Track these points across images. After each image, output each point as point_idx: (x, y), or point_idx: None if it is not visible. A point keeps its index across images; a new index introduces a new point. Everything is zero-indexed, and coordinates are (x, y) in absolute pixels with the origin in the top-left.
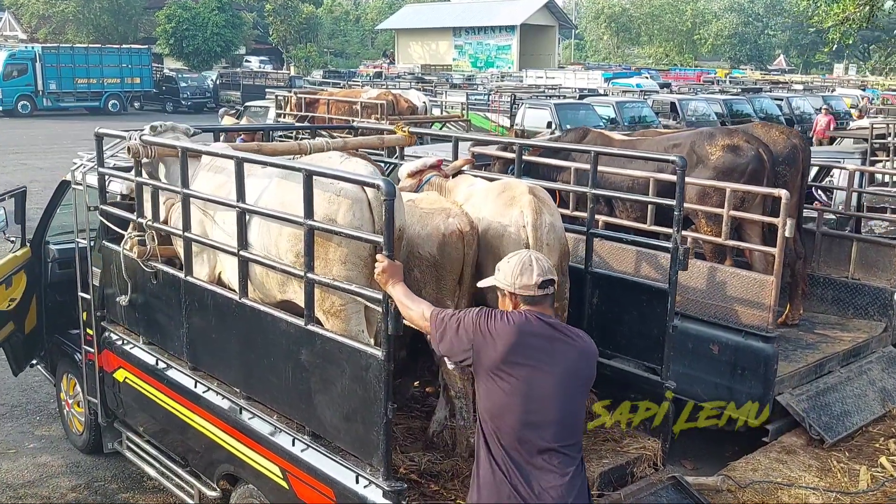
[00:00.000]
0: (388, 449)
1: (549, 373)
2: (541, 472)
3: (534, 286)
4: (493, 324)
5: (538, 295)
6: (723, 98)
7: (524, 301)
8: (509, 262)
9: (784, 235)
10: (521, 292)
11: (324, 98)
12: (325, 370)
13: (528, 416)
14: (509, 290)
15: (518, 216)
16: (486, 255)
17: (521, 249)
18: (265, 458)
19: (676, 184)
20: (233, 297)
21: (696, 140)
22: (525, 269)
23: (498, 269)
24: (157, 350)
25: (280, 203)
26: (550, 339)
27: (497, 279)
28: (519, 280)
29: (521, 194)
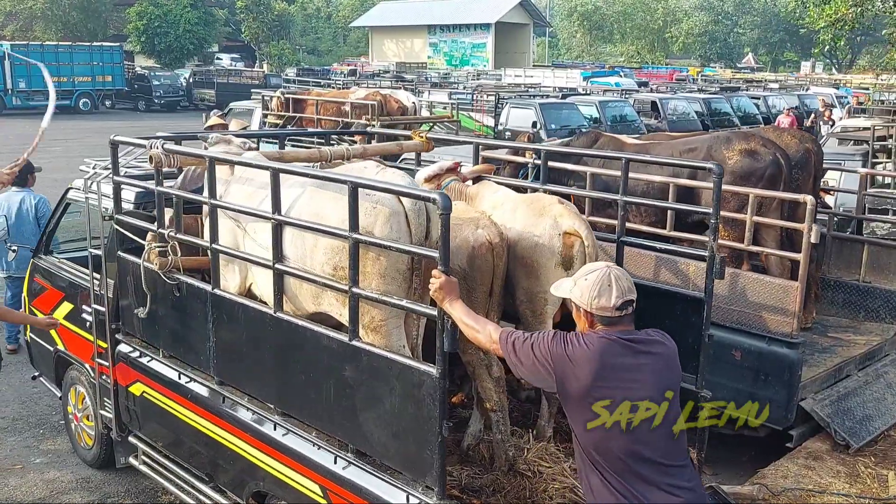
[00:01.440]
0: (443, 468)
1: (642, 392)
2: (662, 492)
3: (612, 308)
4: (572, 350)
5: (615, 316)
6: (702, 97)
7: (601, 321)
8: (587, 279)
9: (809, 241)
10: (599, 313)
11: (311, 98)
12: (371, 387)
13: (633, 441)
14: (585, 308)
15: (552, 225)
16: (517, 266)
17: (598, 263)
18: (303, 476)
19: (713, 191)
20: (267, 311)
21: (713, 144)
22: (604, 291)
23: (574, 283)
24: (180, 364)
25: (315, 214)
26: (635, 356)
27: (573, 294)
28: (597, 301)
29: (552, 203)
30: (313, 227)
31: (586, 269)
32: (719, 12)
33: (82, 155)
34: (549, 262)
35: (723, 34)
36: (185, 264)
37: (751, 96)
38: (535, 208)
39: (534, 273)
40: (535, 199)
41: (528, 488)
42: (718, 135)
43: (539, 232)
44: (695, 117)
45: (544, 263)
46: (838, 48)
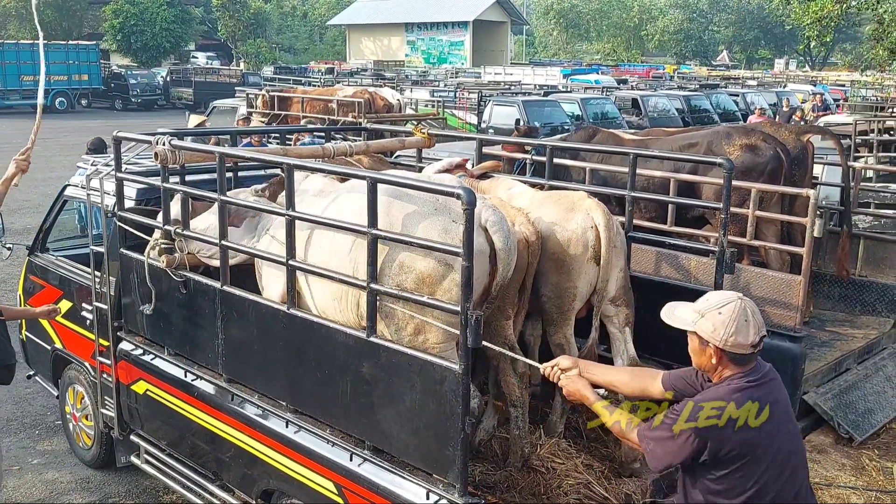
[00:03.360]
0: (465, 464)
1: (775, 433)
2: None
3: (749, 346)
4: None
5: (749, 354)
6: (682, 94)
7: (733, 360)
8: (720, 312)
9: (812, 235)
10: (734, 351)
11: (297, 96)
12: (391, 383)
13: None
14: (717, 345)
15: (585, 219)
16: (548, 262)
17: (727, 293)
18: (316, 474)
19: (724, 186)
20: (280, 308)
21: (714, 140)
22: (741, 327)
23: (700, 315)
24: (185, 361)
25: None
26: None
27: (701, 328)
28: (734, 338)
29: (581, 198)
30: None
31: (716, 301)
32: (694, 10)
33: (60, 154)
34: (582, 257)
35: (698, 32)
36: (191, 261)
37: (730, 93)
38: (565, 203)
39: (565, 268)
40: (562, 195)
41: (541, 484)
42: (718, 130)
43: (572, 227)
44: (675, 114)
45: (577, 258)
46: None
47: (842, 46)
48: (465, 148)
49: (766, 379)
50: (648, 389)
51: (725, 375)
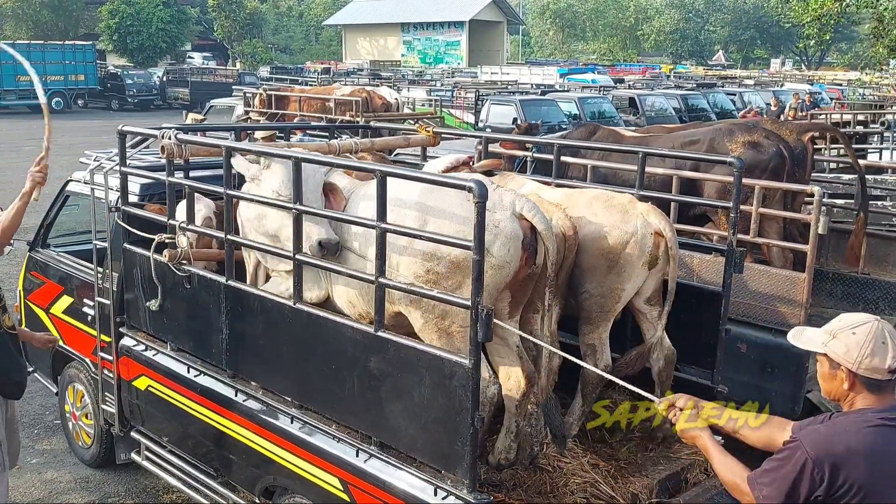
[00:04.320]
0: (474, 460)
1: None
2: None
3: (886, 370)
4: (841, 462)
5: (885, 380)
6: (679, 93)
7: (867, 386)
8: (855, 332)
9: (817, 232)
10: (868, 375)
11: (295, 95)
12: (399, 378)
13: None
14: (850, 368)
15: (643, 224)
16: (600, 260)
17: (861, 315)
18: (321, 470)
19: (734, 184)
20: (286, 302)
21: (716, 137)
22: (878, 349)
23: (831, 336)
24: (189, 357)
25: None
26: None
27: (833, 349)
28: (869, 361)
29: (632, 201)
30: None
31: (850, 321)
32: (690, 10)
33: (57, 154)
34: (638, 261)
35: (694, 31)
36: (196, 256)
37: (727, 93)
38: (617, 205)
39: (618, 269)
40: (610, 195)
41: (548, 483)
42: (720, 127)
43: (630, 229)
44: (672, 113)
45: (633, 262)
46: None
47: (838, 46)
48: (465, 146)
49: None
50: (776, 439)
51: (858, 405)
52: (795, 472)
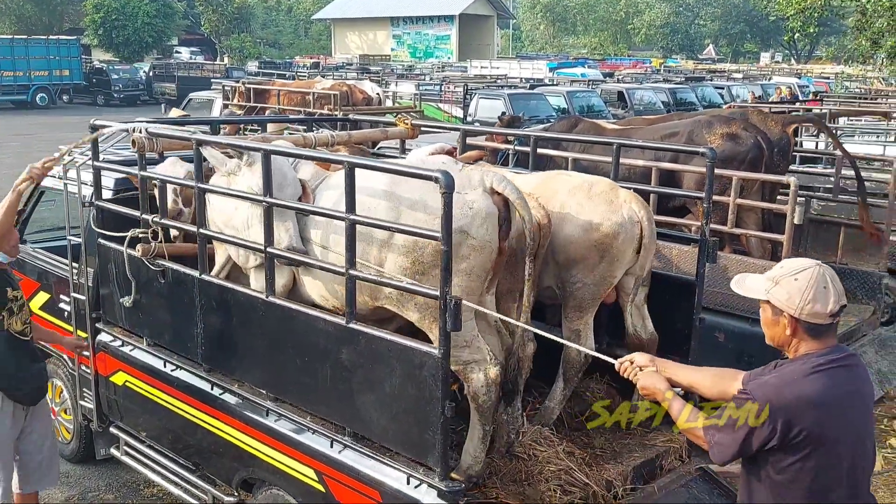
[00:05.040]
0: (445, 449)
1: (848, 426)
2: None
3: (826, 315)
4: (792, 411)
5: (827, 324)
6: (668, 87)
7: (809, 331)
8: (796, 278)
9: (793, 222)
10: (810, 320)
11: (274, 88)
12: (370, 369)
13: (843, 486)
14: (792, 314)
15: (629, 212)
16: (592, 250)
17: (802, 260)
18: (297, 461)
19: (707, 175)
20: (258, 296)
21: (695, 129)
22: (820, 294)
23: (774, 283)
24: (165, 352)
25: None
26: (846, 385)
27: (775, 295)
28: (811, 306)
29: (613, 188)
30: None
31: (791, 267)
32: (680, 4)
33: (41, 151)
34: (629, 248)
35: (684, 26)
36: (170, 251)
37: (715, 86)
38: (601, 194)
39: (610, 258)
40: (589, 184)
41: (523, 471)
42: (699, 119)
43: (619, 219)
44: (661, 107)
45: (625, 249)
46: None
47: (826, 39)
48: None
49: (851, 363)
50: (728, 391)
51: (801, 351)
52: (758, 429)
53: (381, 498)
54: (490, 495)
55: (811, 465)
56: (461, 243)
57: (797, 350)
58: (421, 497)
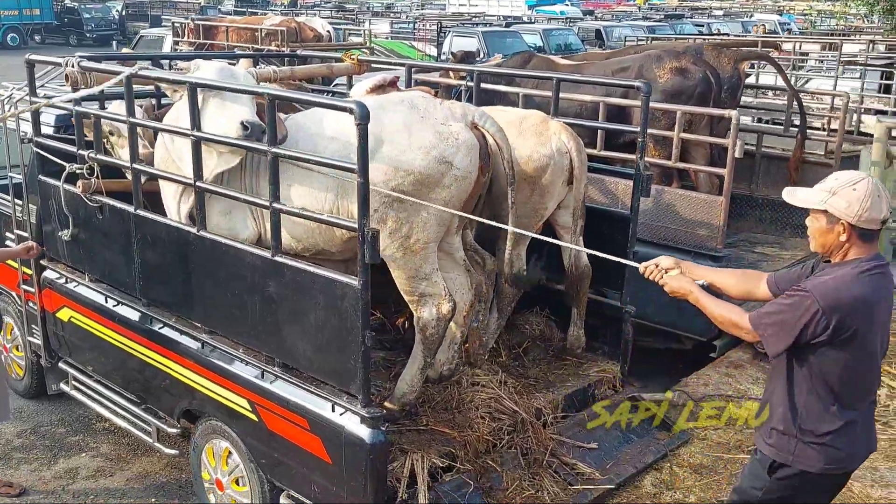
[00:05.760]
0: (366, 377)
1: (884, 320)
2: (871, 419)
3: (879, 221)
4: (846, 310)
5: (877, 230)
6: (646, 24)
7: (862, 237)
8: (855, 189)
9: (734, 156)
10: (866, 226)
11: (223, 25)
12: (296, 301)
13: (871, 373)
14: (848, 221)
15: (559, 143)
16: (522, 183)
17: (853, 172)
18: (231, 392)
19: (641, 109)
20: (190, 230)
21: (645, 63)
22: (875, 202)
23: (831, 193)
24: (106, 287)
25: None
26: (883, 289)
27: (834, 205)
28: (868, 213)
29: (544, 120)
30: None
31: (847, 178)
32: None
33: None
34: (558, 180)
35: None
36: (108, 187)
37: (695, 23)
38: (531, 127)
39: (540, 190)
40: (521, 117)
41: (455, 399)
42: (650, 53)
43: (547, 152)
44: None
45: (554, 181)
46: None
47: None
48: None
49: (886, 269)
50: (754, 292)
51: (851, 256)
52: (805, 318)
53: (309, 425)
54: (420, 422)
55: (849, 357)
56: (445, 173)
57: (846, 255)
58: (345, 423)
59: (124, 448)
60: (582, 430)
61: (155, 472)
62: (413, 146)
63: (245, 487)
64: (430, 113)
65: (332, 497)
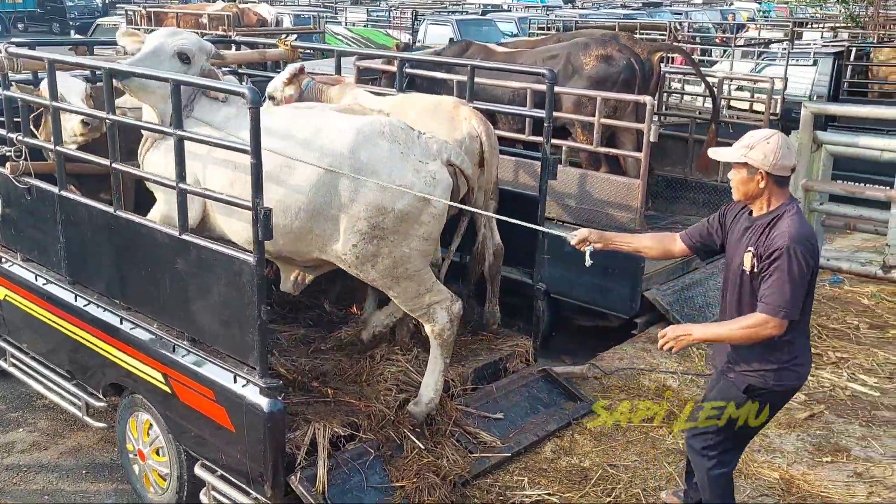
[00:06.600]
0: (263, 349)
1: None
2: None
3: (790, 168)
4: (814, 253)
5: (788, 177)
6: (624, 13)
7: (777, 182)
8: (769, 142)
9: (649, 140)
10: (780, 173)
11: (172, 11)
12: (201, 278)
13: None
14: (765, 170)
15: (470, 128)
16: None
17: (765, 130)
18: (148, 366)
19: (546, 95)
20: (108, 210)
21: (572, 51)
22: (786, 153)
23: (749, 147)
24: (37, 266)
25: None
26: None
27: (751, 157)
28: (781, 161)
29: (457, 105)
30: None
31: (761, 135)
32: None
33: None
34: (471, 163)
35: None
36: (37, 168)
37: (673, 12)
38: (444, 112)
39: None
40: (436, 103)
41: (366, 372)
42: (577, 41)
43: (459, 136)
44: None
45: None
46: None
47: None
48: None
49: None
50: (671, 250)
51: (774, 202)
52: (803, 269)
53: (215, 396)
54: (327, 394)
55: (808, 288)
56: (422, 210)
57: (769, 201)
58: (246, 394)
59: (61, 424)
60: (489, 401)
61: (88, 447)
62: (394, 184)
63: (165, 458)
64: (410, 149)
65: (237, 464)
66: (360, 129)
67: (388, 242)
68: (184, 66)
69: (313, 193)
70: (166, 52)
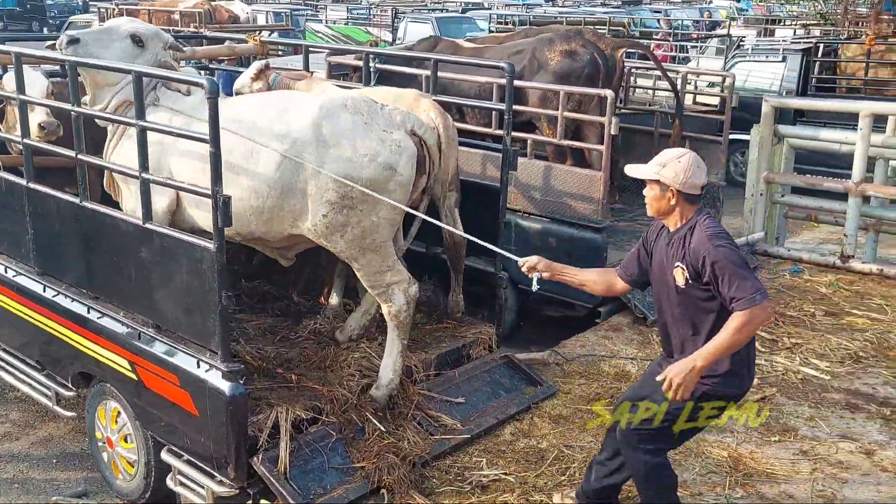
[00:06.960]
0: (225, 334)
1: None
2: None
3: (699, 187)
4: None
5: (699, 195)
6: (604, 11)
7: (686, 200)
8: (679, 160)
9: (610, 133)
10: (690, 191)
11: (144, 9)
12: (164, 266)
13: None
14: (676, 187)
15: (427, 120)
16: None
17: (678, 149)
18: (115, 354)
19: (506, 89)
20: (73, 200)
21: (537, 46)
22: (696, 171)
23: (662, 166)
24: (6, 259)
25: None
26: None
27: (665, 175)
28: (691, 179)
29: (417, 98)
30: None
31: (673, 154)
32: None
33: None
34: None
35: None
36: (5, 161)
37: (653, 10)
38: (405, 104)
39: None
40: (396, 95)
41: (330, 358)
42: (542, 36)
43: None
44: None
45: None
46: None
47: None
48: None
49: None
50: (614, 286)
51: (688, 217)
52: (738, 253)
53: (179, 381)
54: (291, 379)
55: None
56: (389, 179)
57: (682, 216)
58: (209, 378)
59: (32, 415)
60: (451, 386)
61: (59, 437)
62: (359, 153)
63: (132, 444)
64: (374, 119)
65: (202, 448)
66: (323, 105)
67: (356, 212)
68: (136, 49)
69: (281, 171)
70: (119, 33)
